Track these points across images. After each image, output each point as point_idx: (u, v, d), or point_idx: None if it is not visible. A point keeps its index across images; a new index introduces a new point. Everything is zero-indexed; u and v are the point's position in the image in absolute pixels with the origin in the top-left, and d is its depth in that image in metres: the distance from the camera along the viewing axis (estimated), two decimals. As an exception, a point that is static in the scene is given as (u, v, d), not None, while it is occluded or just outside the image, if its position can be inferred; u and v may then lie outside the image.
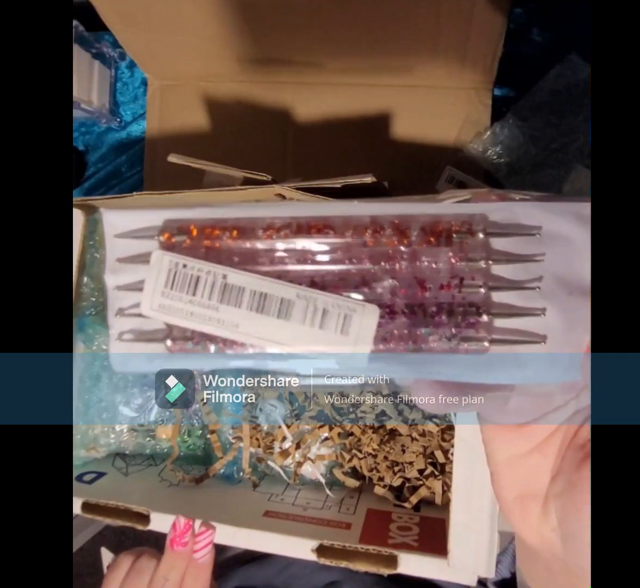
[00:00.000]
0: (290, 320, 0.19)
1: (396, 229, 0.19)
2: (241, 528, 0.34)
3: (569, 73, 0.48)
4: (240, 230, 0.19)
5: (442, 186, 0.49)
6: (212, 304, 0.19)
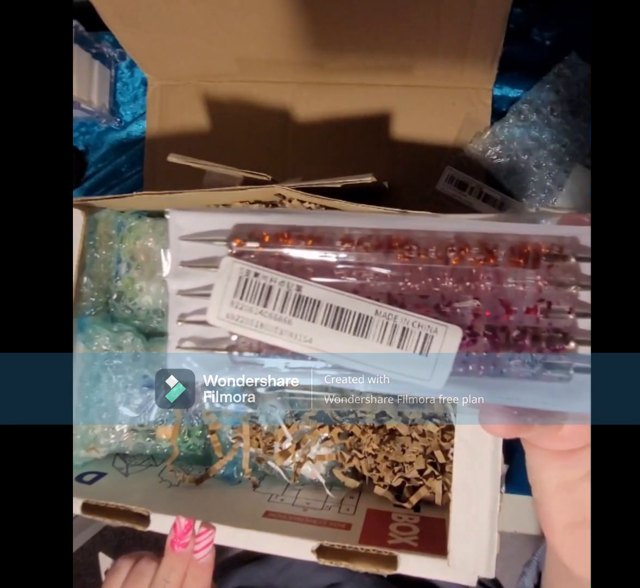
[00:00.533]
0: (367, 337, 0.18)
1: (483, 248, 0.18)
2: (241, 529, 0.34)
3: (569, 73, 0.48)
4: (316, 239, 0.18)
5: (442, 186, 0.49)
6: (285, 317, 0.18)
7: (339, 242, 0.18)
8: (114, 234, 0.46)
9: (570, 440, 0.21)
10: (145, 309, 0.45)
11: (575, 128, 0.48)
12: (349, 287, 0.18)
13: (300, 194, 0.39)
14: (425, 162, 0.50)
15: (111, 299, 0.46)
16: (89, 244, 0.45)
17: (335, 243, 0.18)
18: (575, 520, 0.21)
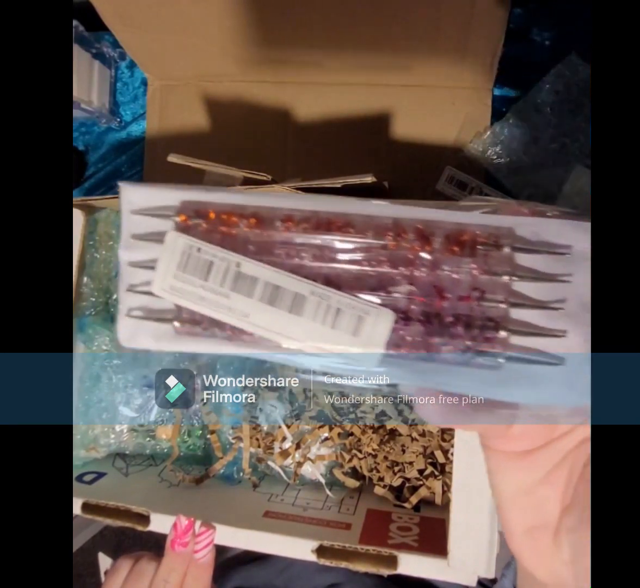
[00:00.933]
0: (302, 316, 0.19)
1: (419, 234, 0.19)
2: (241, 529, 0.34)
3: (569, 73, 0.48)
4: (259, 219, 0.19)
5: (442, 186, 0.49)
6: (224, 291, 0.19)
7: (279, 222, 0.19)
8: (114, 234, 0.46)
9: (522, 440, 0.21)
10: (145, 309, 0.45)
11: (575, 128, 0.48)
12: (287, 266, 0.19)
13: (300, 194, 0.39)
14: (425, 162, 0.50)
15: (111, 299, 0.46)
16: (89, 244, 0.45)
17: (275, 223, 0.19)
18: (534, 525, 0.21)
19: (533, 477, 0.21)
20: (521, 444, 0.21)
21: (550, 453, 0.21)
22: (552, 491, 0.21)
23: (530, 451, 0.21)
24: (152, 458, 0.46)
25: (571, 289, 0.18)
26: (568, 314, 0.18)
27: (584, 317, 0.18)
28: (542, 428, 0.21)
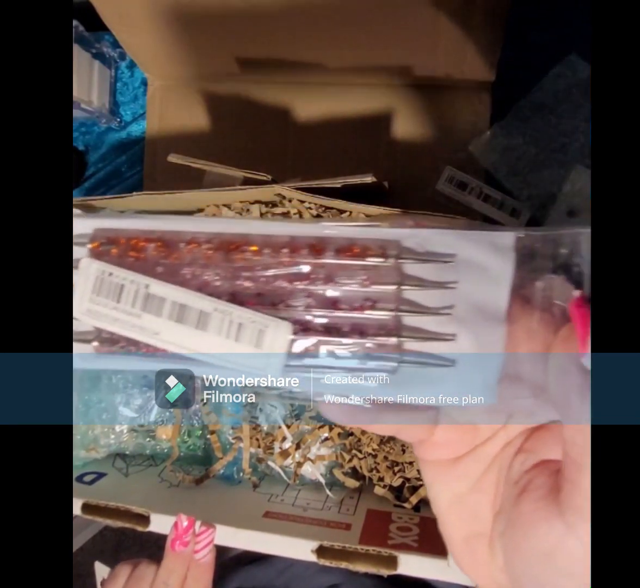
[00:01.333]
0: (207, 331, 0.20)
1: (312, 249, 0.20)
2: (241, 529, 0.34)
3: (569, 73, 0.48)
4: (165, 242, 0.21)
5: (442, 186, 0.49)
6: (135, 312, 0.20)
7: (184, 244, 0.20)
8: (114, 234, 0.46)
9: (446, 447, 0.21)
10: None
11: (575, 128, 0.48)
12: (193, 286, 0.20)
13: (300, 194, 0.39)
14: (425, 162, 0.50)
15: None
16: (89, 244, 0.45)
17: (180, 245, 0.20)
18: (471, 533, 0.21)
19: (465, 486, 0.21)
20: (447, 451, 0.21)
21: (477, 459, 0.21)
22: (483, 499, 0.21)
23: (458, 459, 0.21)
24: (152, 459, 0.46)
25: (459, 294, 0.20)
26: (457, 319, 0.20)
27: (472, 319, 0.20)
28: (464, 434, 0.21)
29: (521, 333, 0.19)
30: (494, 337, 0.19)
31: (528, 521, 0.19)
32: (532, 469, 0.20)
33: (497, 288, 0.20)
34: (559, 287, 0.19)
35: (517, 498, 0.20)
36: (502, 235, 0.20)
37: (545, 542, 0.18)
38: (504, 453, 0.21)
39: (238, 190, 0.40)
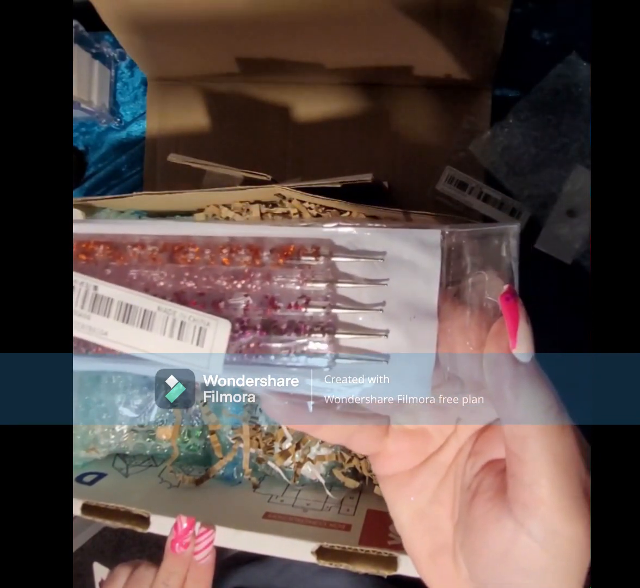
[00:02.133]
0: (152, 330, 0.20)
1: (250, 249, 0.21)
2: (241, 530, 0.34)
3: (569, 73, 0.48)
4: (113, 246, 0.21)
5: (442, 186, 0.49)
6: (84, 313, 0.21)
7: (130, 247, 0.21)
8: (113, 235, 0.46)
9: (398, 457, 0.21)
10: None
11: (575, 128, 0.48)
12: (139, 287, 0.21)
13: (300, 194, 0.39)
14: (425, 162, 0.50)
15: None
16: (88, 245, 0.45)
17: (127, 248, 0.21)
18: (434, 549, 0.21)
19: (424, 499, 0.21)
20: (401, 462, 0.21)
21: (432, 470, 0.21)
22: (442, 510, 0.21)
23: (414, 472, 0.21)
24: (152, 459, 0.46)
25: (390, 290, 0.20)
26: (389, 315, 0.20)
27: (404, 315, 0.20)
28: (415, 442, 0.21)
29: (455, 330, 0.20)
30: (426, 332, 0.20)
31: (481, 525, 0.18)
32: (480, 471, 0.20)
33: (426, 284, 0.20)
34: (489, 282, 0.20)
35: (470, 503, 0.19)
36: (429, 232, 0.20)
37: (500, 543, 0.18)
38: (457, 461, 0.21)
39: (238, 190, 0.40)
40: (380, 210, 0.38)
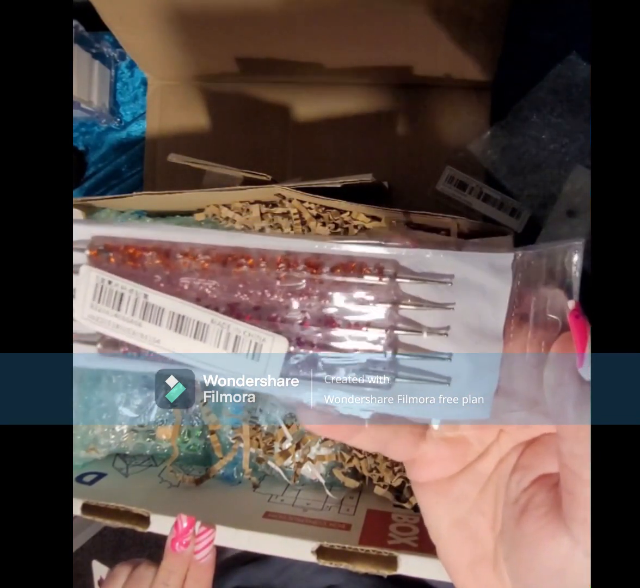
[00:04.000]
0: (205, 342, 0.20)
1: (308, 265, 0.20)
2: (241, 530, 0.34)
3: (569, 73, 0.48)
4: (163, 252, 0.21)
5: (442, 186, 0.49)
6: (135, 320, 0.20)
7: (181, 255, 0.21)
8: (113, 234, 0.46)
9: (438, 464, 0.21)
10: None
11: (575, 128, 0.48)
12: (190, 297, 0.21)
13: (300, 194, 0.39)
14: (425, 162, 0.50)
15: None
16: (88, 244, 0.45)
17: (177, 255, 0.21)
18: (474, 559, 0.21)
19: (462, 508, 0.21)
20: (439, 470, 0.21)
21: (472, 479, 0.21)
22: (483, 520, 0.21)
23: (452, 480, 0.21)
24: (152, 459, 0.46)
25: (455, 314, 0.20)
26: (453, 339, 0.20)
27: (468, 339, 0.20)
28: (454, 449, 0.21)
29: (516, 348, 0.19)
30: (491, 357, 0.20)
31: (534, 541, 0.18)
32: (530, 486, 0.20)
33: (494, 308, 0.20)
34: (553, 299, 0.19)
35: (519, 518, 0.19)
36: (501, 256, 0.20)
37: (555, 560, 0.18)
38: (499, 471, 0.21)
39: (238, 190, 0.40)
40: (380, 210, 0.38)
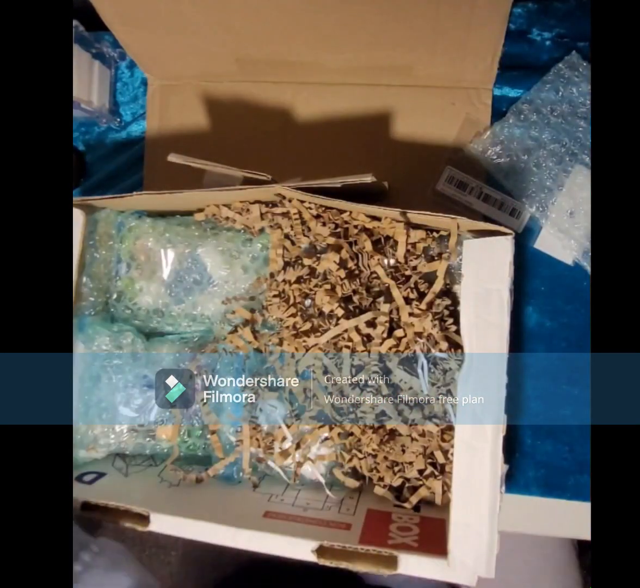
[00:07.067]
0: None
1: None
2: (241, 530, 0.34)
3: (569, 73, 0.48)
4: None
5: (442, 186, 0.49)
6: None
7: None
8: (113, 234, 0.46)
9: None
10: (145, 309, 0.45)
11: (575, 128, 0.48)
12: None
13: (300, 194, 0.39)
14: (425, 162, 0.50)
15: (111, 299, 0.46)
16: (89, 244, 0.45)
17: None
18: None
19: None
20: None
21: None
22: None
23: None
24: (152, 458, 0.46)
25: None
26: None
27: None
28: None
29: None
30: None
31: None
32: None
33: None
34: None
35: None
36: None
37: None
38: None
39: (238, 190, 0.40)
40: (380, 210, 0.38)
